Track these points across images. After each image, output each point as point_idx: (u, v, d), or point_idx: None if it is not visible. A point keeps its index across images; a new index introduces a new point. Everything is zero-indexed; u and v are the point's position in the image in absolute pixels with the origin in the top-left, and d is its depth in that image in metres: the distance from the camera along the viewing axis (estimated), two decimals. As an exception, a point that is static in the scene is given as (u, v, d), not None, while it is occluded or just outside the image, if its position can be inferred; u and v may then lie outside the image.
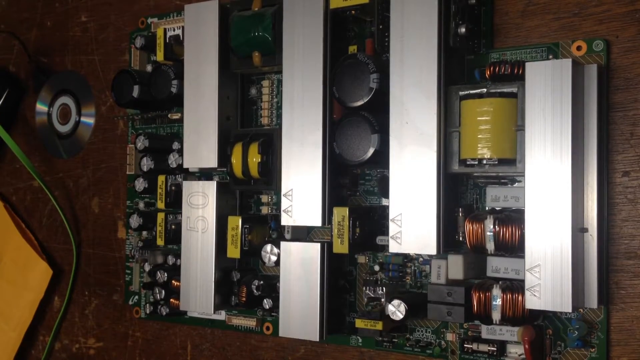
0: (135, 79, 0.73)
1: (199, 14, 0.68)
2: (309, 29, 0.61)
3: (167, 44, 0.73)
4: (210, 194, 0.67)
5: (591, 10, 0.56)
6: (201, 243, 0.67)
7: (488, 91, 0.54)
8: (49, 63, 0.91)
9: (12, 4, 0.96)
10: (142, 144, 0.73)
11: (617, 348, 0.54)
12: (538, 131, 0.51)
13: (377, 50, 0.61)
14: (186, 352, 0.77)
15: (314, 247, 0.61)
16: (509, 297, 0.52)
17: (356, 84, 0.58)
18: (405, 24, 0.56)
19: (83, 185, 0.87)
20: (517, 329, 0.55)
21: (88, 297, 0.85)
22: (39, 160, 0.91)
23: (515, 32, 0.59)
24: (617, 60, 0.54)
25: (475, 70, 0.58)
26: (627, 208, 0.54)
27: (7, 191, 0.94)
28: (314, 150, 0.60)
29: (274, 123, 0.69)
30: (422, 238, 0.54)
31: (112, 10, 0.85)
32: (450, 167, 0.55)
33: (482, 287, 0.54)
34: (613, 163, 0.54)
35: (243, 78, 0.70)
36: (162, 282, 0.73)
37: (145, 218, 0.74)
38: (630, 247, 0.54)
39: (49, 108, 0.90)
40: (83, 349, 0.86)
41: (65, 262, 0.88)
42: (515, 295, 0.52)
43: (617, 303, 0.54)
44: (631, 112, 0.54)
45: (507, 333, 0.56)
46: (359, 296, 0.65)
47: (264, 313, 0.69)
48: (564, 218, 0.50)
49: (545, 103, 0.51)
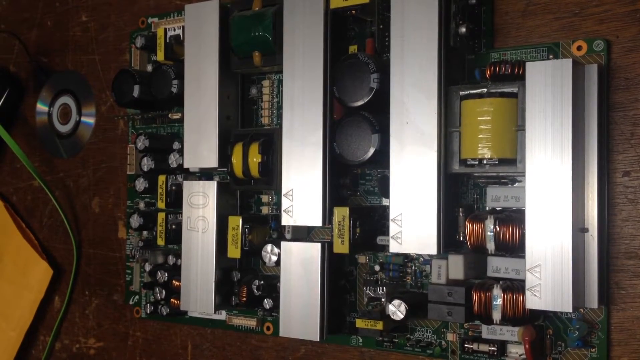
0: (136, 78, 0.73)
1: (200, 14, 0.68)
2: (310, 28, 0.61)
3: (167, 43, 0.73)
4: (210, 194, 0.67)
5: (591, 10, 0.56)
6: (202, 243, 0.67)
7: (488, 91, 0.54)
8: (49, 63, 0.91)
9: (12, 4, 0.96)
10: (142, 144, 0.73)
11: (618, 348, 0.54)
12: (538, 131, 0.51)
13: (378, 50, 0.61)
14: (186, 352, 0.77)
15: (315, 247, 0.61)
16: (510, 297, 0.52)
17: (356, 83, 0.58)
18: (405, 23, 0.56)
19: (83, 185, 0.87)
20: (517, 329, 0.55)
21: (88, 297, 0.85)
22: (40, 160, 0.91)
23: (516, 32, 0.59)
24: (617, 60, 0.54)
25: (476, 70, 0.58)
26: (627, 208, 0.54)
27: (7, 191, 0.94)
28: (314, 150, 0.60)
29: (275, 123, 0.69)
30: (423, 238, 0.54)
31: (112, 10, 0.85)
32: (451, 167, 0.55)
33: (482, 287, 0.54)
34: (613, 163, 0.54)
35: (243, 78, 0.70)
36: (162, 282, 0.73)
37: (146, 218, 0.74)
38: (631, 247, 0.54)
39: (49, 108, 0.90)
40: (83, 349, 0.86)
41: (65, 262, 0.88)
42: (516, 295, 0.52)
43: (617, 303, 0.54)
44: (631, 112, 0.54)
45: (507, 333, 0.56)
46: (359, 296, 0.65)
47: (265, 313, 0.69)
48: (564, 218, 0.50)
49: (546, 103, 0.51)
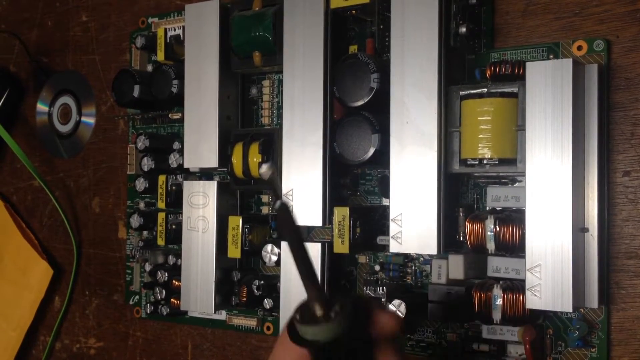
0: (136, 78, 0.73)
1: (200, 14, 0.68)
2: (310, 28, 0.61)
3: (167, 43, 0.74)
4: (210, 194, 0.67)
5: (592, 10, 0.56)
6: (202, 243, 0.67)
7: (488, 91, 0.54)
8: (49, 63, 0.91)
9: (12, 4, 0.96)
10: (142, 144, 0.73)
11: (618, 348, 0.54)
12: (539, 131, 0.51)
13: (378, 50, 0.61)
14: (187, 352, 0.77)
15: (315, 247, 0.61)
16: (510, 297, 0.52)
17: (357, 83, 0.58)
18: (405, 23, 0.56)
19: (84, 185, 0.87)
20: (517, 328, 0.55)
21: (88, 297, 0.85)
22: (40, 160, 0.91)
23: (516, 32, 0.59)
24: (617, 60, 0.54)
25: (476, 70, 0.58)
26: (627, 208, 0.54)
27: (7, 191, 0.94)
28: (314, 150, 0.60)
29: (275, 123, 0.69)
30: (423, 238, 0.54)
31: (112, 10, 0.85)
32: (451, 167, 0.55)
33: (482, 287, 0.54)
34: (614, 163, 0.54)
35: (243, 78, 0.70)
36: (162, 282, 0.73)
37: (146, 218, 0.74)
38: (631, 247, 0.54)
39: (49, 108, 0.90)
40: (83, 348, 0.86)
41: (65, 262, 0.88)
42: (516, 295, 0.52)
43: (617, 303, 0.54)
44: (632, 111, 0.54)
45: (507, 333, 0.55)
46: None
47: (265, 313, 0.69)
48: (564, 218, 0.50)
49: (546, 103, 0.51)
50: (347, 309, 0.38)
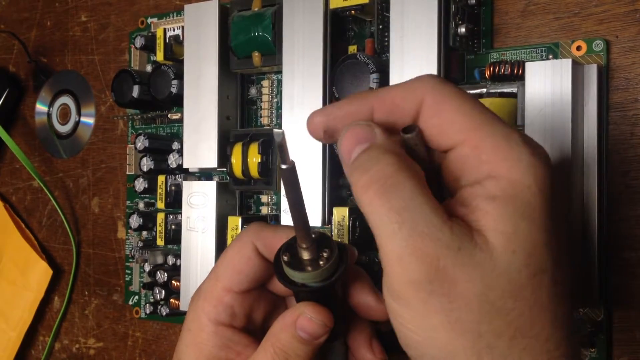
0: (135, 79, 0.73)
1: (199, 14, 0.68)
2: (309, 29, 0.61)
3: (167, 44, 0.73)
4: (210, 194, 0.67)
5: (591, 10, 0.56)
6: (201, 243, 0.67)
7: (488, 91, 0.54)
8: (48, 63, 0.91)
9: (12, 4, 0.96)
10: (142, 144, 0.73)
11: (618, 348, 0.54)
12: (538, 131, 0.51)
13: (377, 50, 0.61)
14: (186, 352, 0.77)
15: (314, 247, 0.61)
16: (509, 297, 0.52)
17: (356, 83, 0.58)
18: (405, 23, 0.56)
19: (83, 185, 0.87)
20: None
21: (88, 297, 0.85)
22: (39, 160, 0.91)
23: (515, 32, 0.59)
24: (617, 60, 0.54)
25: (475, 70, 0.58)
26: (627, 208, 0.54)
27: (7, 191, 0.94)
28: (314, 151, 0.60)
29: (274, 123, 0.69)
30: (422, 238, 0.54)
31: (112, 10, 0.85)
32: (450, 167, 0.55)
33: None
34: (613, 163, 0.54)
35: (243, 78, 0.70)
36: (162, 282, 0.73)
37: (145, 218, 0.74)
38: (631, 247, 0.54)
39: (48, 108, 0.90)
40: (83, 349, 0.86)
41: (65, 262, 0.88)
42: (516, 295, 0.52)
43: (617, 303, 0.54)
44: (631, 112, 0.54)
45: (507, 333, 0.55)
46: (359, 296, 0.64)
47: (264, 313, 0.69)
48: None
49: (545, 103, 0.51)
50: (334, 256, 0.41)
